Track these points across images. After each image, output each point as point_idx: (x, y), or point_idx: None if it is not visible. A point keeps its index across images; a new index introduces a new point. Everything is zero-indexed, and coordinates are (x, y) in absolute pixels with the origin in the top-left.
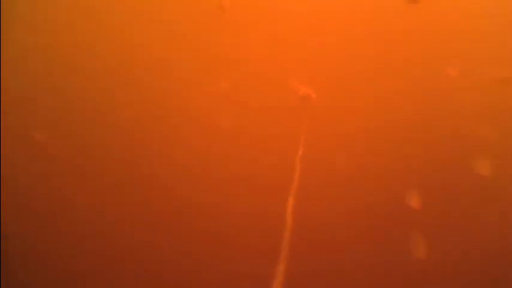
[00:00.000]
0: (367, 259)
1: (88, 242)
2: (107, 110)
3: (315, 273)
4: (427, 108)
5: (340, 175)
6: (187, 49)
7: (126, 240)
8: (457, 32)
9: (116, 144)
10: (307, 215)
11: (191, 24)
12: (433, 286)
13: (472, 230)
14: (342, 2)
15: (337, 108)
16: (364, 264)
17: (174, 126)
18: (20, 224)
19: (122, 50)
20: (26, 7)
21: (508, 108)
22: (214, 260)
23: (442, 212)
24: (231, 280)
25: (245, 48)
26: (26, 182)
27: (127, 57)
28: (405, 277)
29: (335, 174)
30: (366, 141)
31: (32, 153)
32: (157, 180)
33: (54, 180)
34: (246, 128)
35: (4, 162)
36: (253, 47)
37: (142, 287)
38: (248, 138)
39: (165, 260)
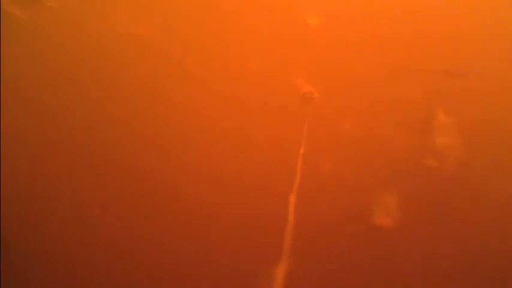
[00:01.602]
0: (371, 259)
1: (88, 241)
2: (108, 109)
3: (318, 273)
4: (430, 106)
5: (342, 173)
6: (189, 47)
7: (127, 240)
8: (457, 32)
9: (118, 144)
10: (309, 214)
11: (193, 22)
12: None
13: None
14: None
15: (339, 106)
16: (368, 264)
17: (176, 123)
18: (20, 224)
19: (123, 48)
20: (27, 7)
21: None
22: (214, 260)
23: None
24: (231, 280)
25: (248, 46)
26: (26, 182)
27: (128, 56)
28: (408, 278)
29: (337, 172)
30: (368, 138)
31: (32, 153)
32: (158, 178)
33: (55, 180)
34: (248, 125)
35: (4, 162)
36: (256, 45)
37: (142, 287)
38: (250, 135)
39: (164, 259)
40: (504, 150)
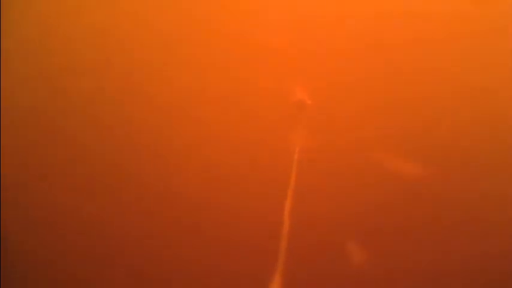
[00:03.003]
0: (366, 262)
1: (87, 242)
2: (107, 110)
3: (313, 277)
4: (424, 113)
5: (336, 179)
6: (185, 54)
7: (125, 241)
8: (453, 38)
9: (116, 145)
10: (304, 219)
11: (188, 29)
12: None
13: None
14: (339, 8)
15: (332, 113)
16: (363, 267)
17: (171, 130)
18: (20, 224)
19: (121, 49)
20: (27, 6)
21: None
22: (211, 264)
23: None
24: (228, 285)
25: (241, 54)
26: (26, 182)
27: (127, 58)
28: (409, 280)
29: (331, 177)
30: (361, 145)
31: (32, 154)
32: (155, 182)
33: (54, 180)
34: (243, 132)
35: (4, 162)
36: (249, 53)
37: (140, 287)
38: (245, 142)
39: (162, 261)
40: None
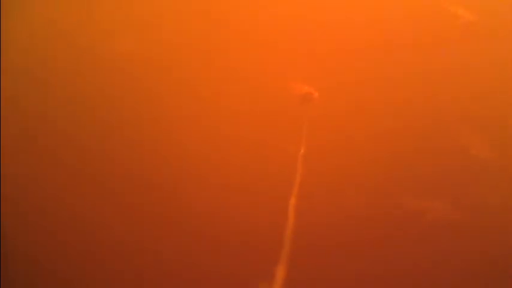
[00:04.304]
0: (370, 261)
1: (88, 242)
2: (107, 111)
3: (317, 275)
4: (430, 109)
5: (342, 174)
6: (186, 50)
7: (127, 242)
8: (461, 29)
9: (117, 146)
10: (309, 215)
11: (189, 26)
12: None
13: None
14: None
15: (339, 107)
16: (367, 266)
17: (175, 128)
18: (20, 224)
19: (121, 50)
20: (27, 7)
21: None
22: (214, 261)
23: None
24: (231, 281)
25: (246, 47)
26: (26, 182)
27: (126, 58)
28: (409, 278)
29: (337, 173)
30: (368, 140)
31: (32, 154)
32: (158, 182)
33: (55, 181)
34: (248, 127)
35: (4, 162)
36: (254, 46)
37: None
38: (250, 137)
39: (162, 260)
40: None
